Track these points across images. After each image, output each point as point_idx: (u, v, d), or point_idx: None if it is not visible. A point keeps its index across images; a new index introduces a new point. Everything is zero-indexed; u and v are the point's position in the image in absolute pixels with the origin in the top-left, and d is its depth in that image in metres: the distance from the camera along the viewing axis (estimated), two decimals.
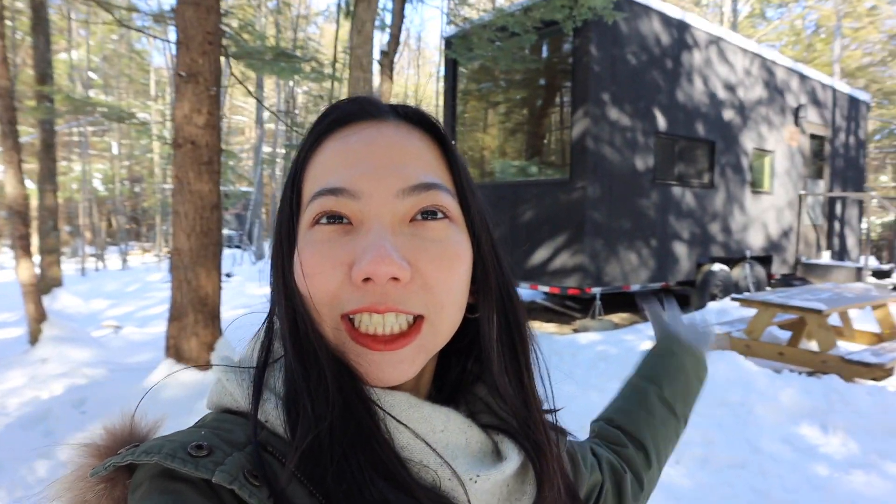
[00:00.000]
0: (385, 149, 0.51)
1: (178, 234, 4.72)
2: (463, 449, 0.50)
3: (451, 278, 0.50)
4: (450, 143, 0.56)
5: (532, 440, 0.54)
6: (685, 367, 0.93)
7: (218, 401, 0.51)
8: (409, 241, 0.49)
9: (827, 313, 5.13)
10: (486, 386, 0.56)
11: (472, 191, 0.55)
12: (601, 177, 7.14)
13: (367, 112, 0.54)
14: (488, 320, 0.55)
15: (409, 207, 0.50)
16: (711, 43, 8.60)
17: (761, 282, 9.48)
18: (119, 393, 4.58)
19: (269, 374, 0.50)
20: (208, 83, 4.70)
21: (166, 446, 0.42)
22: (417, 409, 0.49)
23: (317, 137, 0.53)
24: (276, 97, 21.66)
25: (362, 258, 0.46)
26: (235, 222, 25.46)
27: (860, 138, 12.62)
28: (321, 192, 0.49)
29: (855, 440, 3.75)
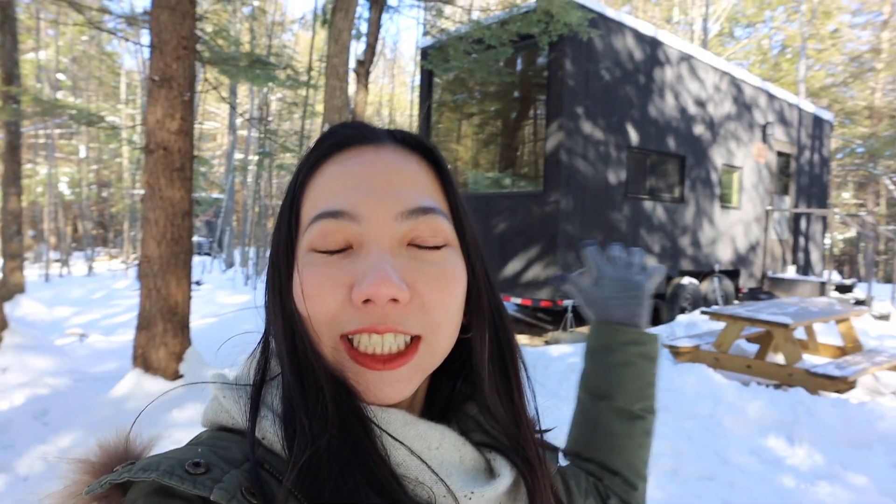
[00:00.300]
0: (384, 173, 0.52)
1: (149, 241, 4.64)
2: (457, 466, 0.51)
3: (448, 300, 0.51)
4: (446, 167, 0.57)
5: (523, 457, 0.55)
6: (628, 359, 0.82)
7: (214, 418, 0.51)
8: (408, 264, 0.50)
9: (793, 327, 5.24)
10: (477, 405, 0.58)
11: (466, 214, 0.56)
12: (574, 190, 7.21)
13: (366, 137, 0.55)
14: (481, 341, 0.56)
15: (407, 231, 0.50)
16: (683, 60, 8.78)
17: (729, 295, 9.65)
18: (84, 403, 4.46)
19: (266, 391, 0.50)
20: (182, 88, 4.65)
21: (164, 463, 0.41)
22: (413, 427, 0.49)
23: (316, 160, 0.54)
24: (250, 104, 21.50)
25: (363, 280, 0.47)
26: (205, 229, 25.18)
27: (824, 156, 12.97)
28: (322, 214, 0.50)
29: (820, 452, 3.82)
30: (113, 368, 5.83)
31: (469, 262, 0.55)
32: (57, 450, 3.73)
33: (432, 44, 8.38)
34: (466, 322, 0.56)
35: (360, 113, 8.46)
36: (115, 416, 4.19)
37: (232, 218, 20.54)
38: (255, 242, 16.80)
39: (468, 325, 0.56)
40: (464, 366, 0.59)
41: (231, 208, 19.91)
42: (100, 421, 4.17)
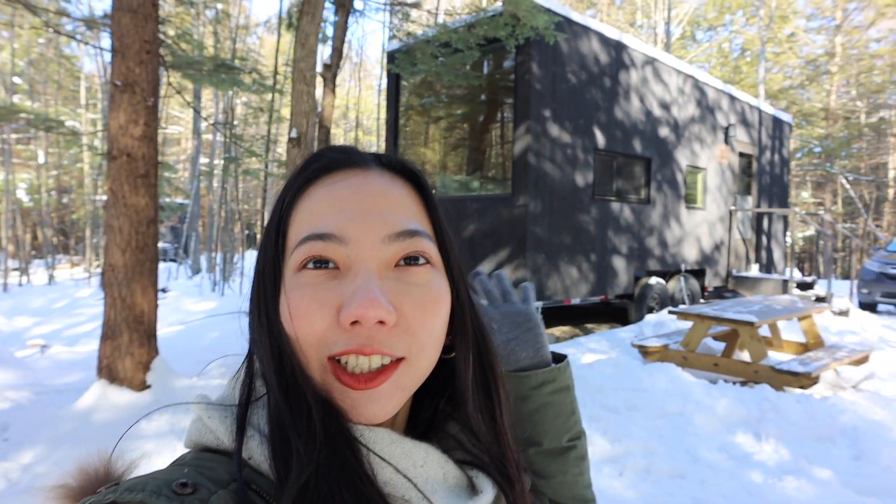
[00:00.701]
0: (371, 196, 0.53)
1: (113, 249, 4.54)
2: (441, 483, 0.52)
3: (433, 321, 0.52)
4: (430, 191, 0.59)
5: (504, 474, 0.57)
6: (544, 400, 0.76)
7: (198, 439, 0.51)
8: (394, 286, 0.50)
9: (758, 325, 5.36)
10: (459, 424, 0.59)
11: (450, 237, 0.58)
12: (542, 192, 7.27)
13: (353, 161, 0.56)
14: (465, 361, 0.57)
15: (394, 253, 0.51)
16: (647, 63, 8.92)
17: (696, 294, 9.83)
18: (46, 417, 4.34)
19: (252, 412, 0.50)
20: (145, 93, 4.57)
21: (150, 484, 0.41)
22: (399, 445, 0.50)
23: (303, 183, 0.55)
24: (214, 108, 21.20)
25: (350, 302, 0.47)
26: (170, 235, 24.73)
27: (784, 157, 13.30)
28: (309, 236, 0.50)
29: (786, 447, 3.91)
30: (77, 380, 5.69)
31: (453, 283, 0.57)
32: (19, 466, 3.62)
33: (399, 47, 8.37)
34: (449, 342, 0.57)
35: (327, 117, 8.40)
36: (79, 430, 4.09)
37: (198, 223, 20.21)
38: (221, 248, 16.56)
39: (451, 345, 0.57)
40: (445, 385, 0.60)
41: (197, 213, 19.59)
42: (64, 435, 4.07)
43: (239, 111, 19.99)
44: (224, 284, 14.17)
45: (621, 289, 8.51)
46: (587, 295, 7.98)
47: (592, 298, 8.12)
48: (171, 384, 4.79)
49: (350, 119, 31.39)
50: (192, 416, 0.52)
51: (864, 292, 11.22)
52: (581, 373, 5.25)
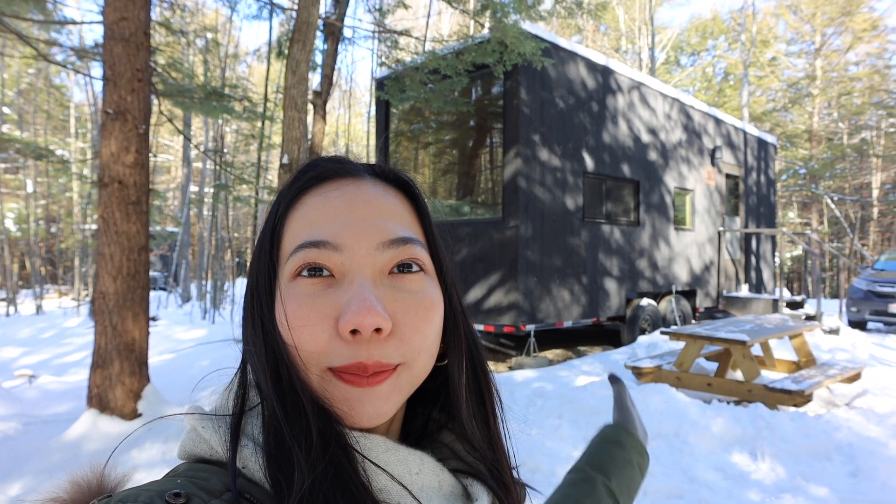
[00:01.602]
0: (365, 204, 0.54)
1: (104, 276, 4.52)
2: (437, 491, 0.52)
3: (428, 328, 0.53)
4: (422, 200, 0.60)
5: (499, 481, 0.57)
6: (632, 461, 0.94)
7: (192, 449, 0.51)
8: (389, 293, 0.51)
9: (750, 344, 5.37)
10: (453, 432, 0.60)
11: (441, 245, 0.60)
12: (533, 216, 7.31)
13: (347, 170, 0.57)
14: (458, 367, 0.58)
15: (388, 260, 0.52)
16: (634, 87, 9.05)
17: (687, 315, 9.86)
18: (34, 448, 4.28)
19: (246, 421, 0.50)
20: (137, 121, 4.59)
21: (142, 495, 0.41)
22: (394, 453, 0.51)
23: (297, 192, 0.55)
24: (204, 135, 21.24)
25: (347, 310, 0.48)
26: (160, 263, 24.59)
27: (770, 177, 13.47)
28: (304, 244, 0.51)
29: (782, 465, 3.91)
30: (66, 410, 5.61)
31: (446, 291, 0.57)
32: (5, 498, 3.56)
33: (388, 74, 8.46)
34: (442, 350, 0.57)
35: (317, 143, 8.44)
36: (69, 461, 4.02)
37: (188, 251, 20.12)
38: (212, 276, 16.48)
39: (444, 353, 0.58)
40: (438, 395, 0.61)
41: (187, 241, 19.52)
42: (53, 466, 4.00)
43: (229, 139, 20.05)
44: (214, 312, 14.07)
45: (613, 311, 8.53)
46: (579, 317, 7.99)
47: (584, 321, 8.12)
48: (162, 412, 4.73)
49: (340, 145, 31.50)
50: (185, 428, 0.52)
51: (854, 310, 11.29)
52: (575, 395, 5.23)
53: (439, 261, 0.58)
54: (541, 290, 7.40)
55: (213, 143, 18.34)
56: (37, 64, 18.02)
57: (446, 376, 0.59)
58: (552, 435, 4.46)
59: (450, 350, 0.58)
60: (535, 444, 4.24)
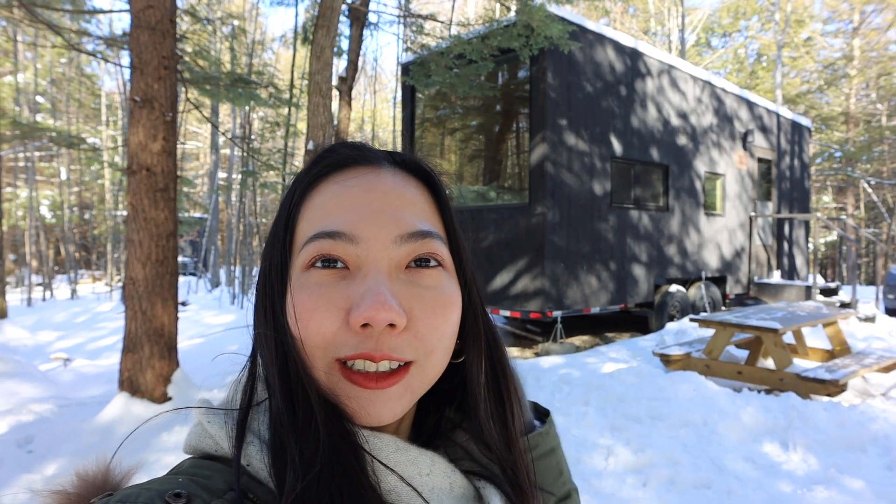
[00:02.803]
0: (383, 195, 0.51)
1: (133, 262, 4.58)
2: (447, 493, 0.51)
3: (444, 325, 0.51)
4: (443, 191, 0.57)
5: (515, 484, 0.55)
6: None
7: (197, 444, 0.49)
8: (405, 288, 0.49)
9: (782, 332, 5.26)
10: (468, 432, 0.58)
11: (462, 239, 0.57)
12: (560, 201, 7.23)
13: (366, 158, 0.54)
14: (477, 365, 0.56)
15: (406, 254, 0.50)
16: (663, 71, 8.87)
17: (717, 302, 9.71)
18: (69, 430, 4.38)
19: (253, 417, 0.49)
20: (164, 109, 4.62)
21: (143, 495, 0.40)
22: (404, 453, 0.49)
23: (314, 179, 0.53)
24: (232, 122, 21.44)
25: (360, 303, 0.46)
26: (190, 249, 24.96)
27: (804, 161, 13.15)
28: (319, 234, 0.49)
29: (814, 456, 3.82)
30: (99, 393, 5.74)
31: (465, 286, 0.55)
32: (42, 478, 3.64)
33: (413, 60, 8.40)
34: (459, 347, 0.55)
35: (343, 129, 8.45)
36: (102, 443, 4.11)
37: (216, 237, 20.39)
38: (240, 261, 16.69)
39: (461, 349, 0.56)
40: (453, 392, 0.59)
41: (215, 228, 19.77)
42: (86, 448, 4.09)
43: (256, 126, 20.20)
44: (243, 297, 14.27)
45: (641, 297, 8.43)
46: (607, 304, 7.92)
47: (612, 307, 8.05)
48: (191, 396, 4.81)
49: (366, 131, 31.58)
50: (193, 421, 0.51)
51: (891, 298, 11.01)
52: (602, 382, 5.19)
53: (459, 255, 0.56)
54: (568, 276, 7.34)
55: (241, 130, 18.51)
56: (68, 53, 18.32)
57: (463, 375, 0.57)
58: (578, 422, 4.43)
59: (468, 348, 0.56)
60: (560, 431, 4.21)
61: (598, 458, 3.84)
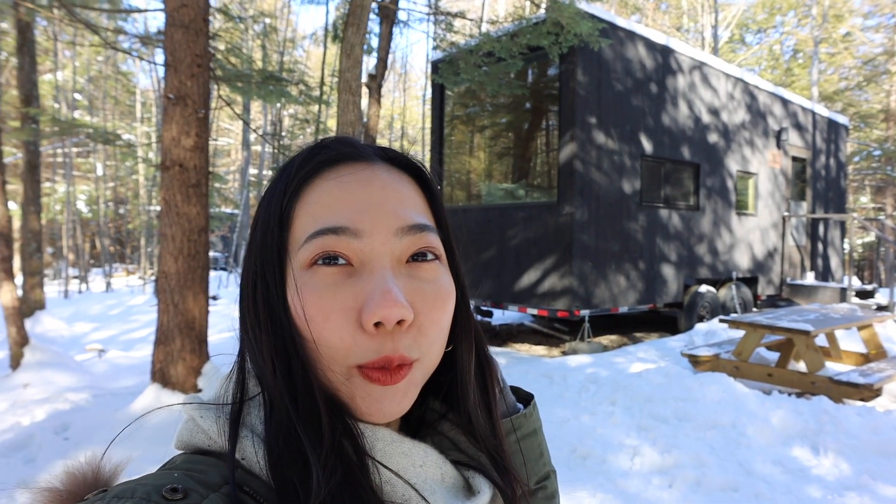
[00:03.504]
0: (381, 190, 0.51)
1: (166, 256, 4.67)
2: (440, 484, 0.52)
3: (443, 318, 0.52)
4: (435, 186, 0.57)
5: (503, 468, 0.56)
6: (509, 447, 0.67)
7: (189, 439, 0.49)
8: (407, 283, 0.50)
9: (815, 334, 5.16)
10: (453, 423, 0.58)
11: (452, 232, 0.57)
12: (588, 199, 7.18)
13: (360, 154, 0.54)
14: (468, 355, 0.57)
15: (405, 248, 0.51)
16: (695, 68, 8.75)
17: (748, 303, 9.55)
18: (103, 419, 4.49)
19: (245, 411, 0.49)
20: (196, 106, 4.69)
21: (139, 490, 0.40)
22: (399, 445, 0.50)
23: (308, 174, 0.52)
24: (263, 119, 21.69)
25: (370, 301, 0.46)
26: (221, 244, 25.33)
27: (840, 160, 12.84)
28: (322, 231, 0.49)
29: (846, 461, 3.75)
30: (132, 384, 5.87)
31: (457, 279, 0.56)
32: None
33: (442, 57, 8.41)
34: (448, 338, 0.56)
35: (372, 126, 8.50)
36: (134, 432, 4.20)
37: (247, 233, 20.66)
38: None
39: (450, 340, 0.56)
40: (438, 385, 0.59)
41: (246, 223, 20.03)
42: (119, 437, 4.19)
43: (286, 122, 20.40)
44: None
45: (670, 297, 8.33)
46: (635, 303, 7.84)
47: (641, 307, 7.97)
48: None
49: (395, 129, 31.68)
50: (183, 417, 0.51)
51: None
52: (630, 382, 5.15)
53: (450, 248, 0.56)
54: (596, 275, 7.29)
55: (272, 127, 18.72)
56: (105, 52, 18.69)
57: (452, 367, 0.58)
58: (605, 422, 4.40)
59: (459, 340, 0.57)
60: (586, 430, 4.20)
61: (624, 458, 3.82)
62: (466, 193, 9.13)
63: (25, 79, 8.85)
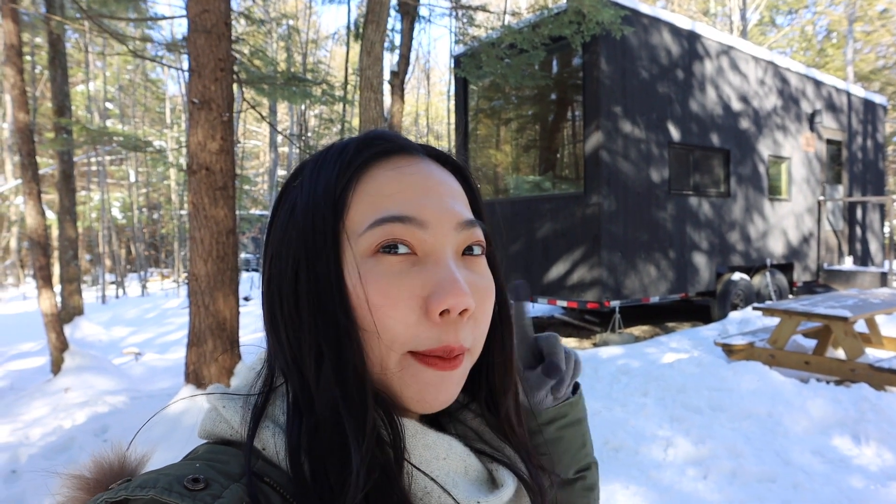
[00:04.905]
0: (438, 185, 0.52)
1: (196, 259, 4.74)
2: (463, 476, 0.51)
3: (490, 310, 0.54)
4: (475, 183, 0.59)
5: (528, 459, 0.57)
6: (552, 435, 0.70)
7: (212, 429, 0.50)
8: (465, 275, 0.50)
9: (853, 320, 5.02)
10: (475, 413, 0.58)
11: (491, 228, 0.59)
12: (616, 189, 7.10)
13: (412, 147, 0.55)
14: (508, 347, 0.58)
15: (462, 242, 0.52)
16: (722, 52, 8.57)
17: (783, 290, 9.35)
18: (140, 420, 4.58)
19: (269, 403, 0.49)
20: (221, 109, 4.75)
21: (161, 480, 0.40)
22: (422, 437, 0.49)
23: (365, 161, 0.52)
24: (289, 121, 21.90)
25: (439, 289, 0.47)
26: (252, 246, 25.66)
27: (878, 141, 12.47)
28: (387, 218, 0.48)
29: (889, 450, 3.64)
30: (168, 386, 5.98)
31: (496, 273, 0.57)
32: None
33: (465, 51, 8.38)
34: None
35: (396, 124, 8.51)
36: (170, 433, 4.28)
37: None
38: None
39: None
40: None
41: None
42: (157, 438, 4.27)
43: (312, 123, 20.57)
44: None
45: (702, 286, 8.20)
46: (666, 293, 7.73)
47: (672, 296, 7.86)
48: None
49: (420, 126, 31.71)
50: (207, 407, 0.51)
51: None
52: (662, 372, 5.08)
53: (489, 244, 0.57)
54: (625, 266, 7.20)
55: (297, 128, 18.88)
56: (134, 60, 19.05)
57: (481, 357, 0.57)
58: (637, 413, 4.35)
59: (497, 332, 0.57)
60: (618, 422, 4.15)
61: (657, 450, 3.77)
62: (493, 187, 9.10)
63: (58, 90, 9.07)
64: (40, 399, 5.52)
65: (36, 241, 6.10)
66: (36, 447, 4.25)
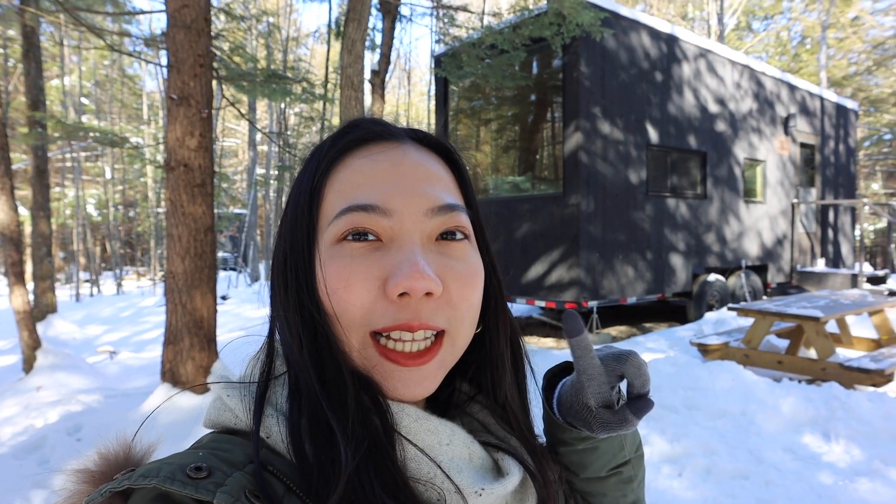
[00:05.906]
0: (412, 169, 0.52)
1: (173, 257, 4.70)
2: (467, 462, 0.51)
3: (473, 295, 0.52)
4: (464, 166, 0.58)
5: (535, 450, 0.56)
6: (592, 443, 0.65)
7: (216, 418, 0.51)
8: (437, 259, 0.50)
9: (824, 320, 5.13)
10: (482, 405, 0.59)
11: (480, 212, 0.58)
12: (594, 190, 7.16)
13: (390, 133, 0.55)
14: (498, 335, 0.58)
15: (435, 227, 0.51)
16: (700, 55, 8.69)
17: (758, 291, 9.50)
18: (115, 419, 4.52)
19: (272, 390, 0.49)
20: (200, 106, 4.71)
21: (164, 469, 0.41)
22: (425, 422, 0.50)
23: (340, 152, 0.53)
24: (269, 119, 21.74)
25: (397, 272, 0.47)
26: (230, 244, 25.43)
27: (850, 146, 12.72)
28: (351, 207, 0.49)
29: (858, 447, 3.73)
30: (143, 384, 5.91)
31: (487, 258, 0.57)
32: None
33: (445, 51, 8.39)
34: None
35: None
36: (146, 432, 4.24)
37: (255, 232, 20.75)
38: None
39: (481, 321, 0.57)
40: (466, 367, 0.59)
41: (254, 223, 20.11)
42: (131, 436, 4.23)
43: (292, 121, 20.44)
44: None
45: (679, 287, 8.30)
46: (644, 293, 7.82)
47: (649, 297, 7.94)
48: None
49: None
50: (212, 396, 0.52)
51: None
52: None
53: (480, 228, 0.57)
54: (603, 266, 7.26)
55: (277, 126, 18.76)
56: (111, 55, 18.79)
57: (481, 348, 0.58)
58: None
59: (491, 319, 0.57)
60: None
61: None
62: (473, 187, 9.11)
63: (32, 84, 8.90)
64: (11, 398, 5.42)
65: (8, 237, 5.98)
66: (6, 446, 4.18)
